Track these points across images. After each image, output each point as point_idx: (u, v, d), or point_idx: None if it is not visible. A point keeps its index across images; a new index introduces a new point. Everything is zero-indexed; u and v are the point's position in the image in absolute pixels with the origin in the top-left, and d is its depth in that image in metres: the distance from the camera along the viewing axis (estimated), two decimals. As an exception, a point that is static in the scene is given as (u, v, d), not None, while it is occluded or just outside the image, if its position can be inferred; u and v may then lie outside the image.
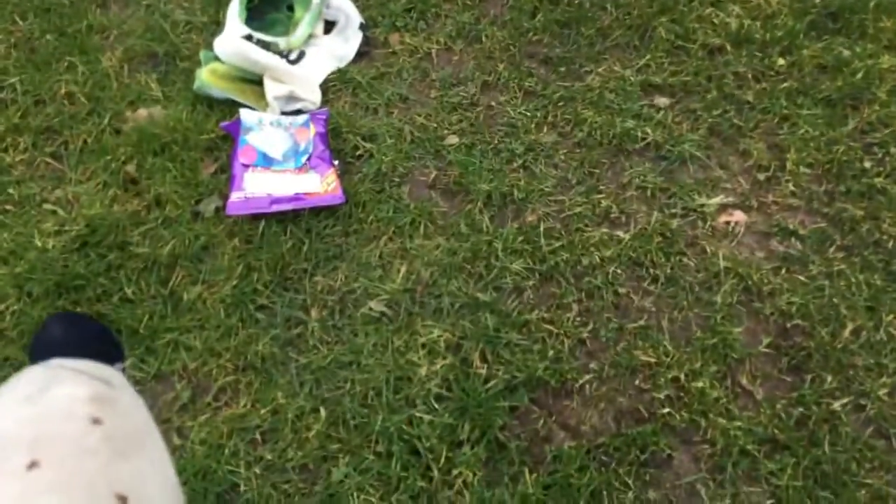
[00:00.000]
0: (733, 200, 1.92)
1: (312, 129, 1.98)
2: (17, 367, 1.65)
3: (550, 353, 1.70)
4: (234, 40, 2.08)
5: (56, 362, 0.90)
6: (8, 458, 0.72)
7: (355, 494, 1.53)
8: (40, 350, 0.96)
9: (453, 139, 2.05)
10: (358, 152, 2.02)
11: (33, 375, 0.86)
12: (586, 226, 1.89)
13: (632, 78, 2.14)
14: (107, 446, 0.76)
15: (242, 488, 1.54)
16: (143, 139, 2.00)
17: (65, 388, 0.83)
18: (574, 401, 1.66)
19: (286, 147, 1.96)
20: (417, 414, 1.62)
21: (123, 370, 1.00)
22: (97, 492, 0.72)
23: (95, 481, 0.73)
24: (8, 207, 1.92)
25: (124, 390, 0.89)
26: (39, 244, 1.83)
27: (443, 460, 1.57)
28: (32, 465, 0.70)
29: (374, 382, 1.67)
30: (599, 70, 2.17)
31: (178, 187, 1.93)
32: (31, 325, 1.72)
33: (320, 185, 1.91)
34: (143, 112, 2.07)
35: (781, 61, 2.18)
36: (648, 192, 1.93)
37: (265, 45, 2.09)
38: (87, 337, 1.07)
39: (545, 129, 2.06)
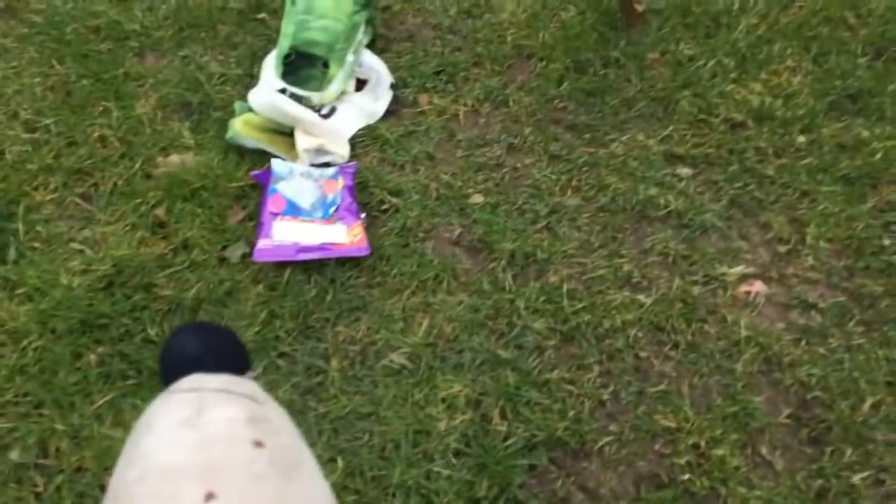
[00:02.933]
0: (754, 271, 1.94)
1: (341, 182, 2.02)
2: (37, 404, 1.66)
3: (570, 413, 1.70)
4: (268, 93, 2.13)
5: (196, 378, 0.87)
6: (183, 490, 0.69)
7: (371, 547, 1.51)
8: (174, 366, 0.93)
9: (478, 198, 2.08)
10: (384, 206, 2.05)
11: (181, 397, 0.83)
12: (608, 289, 1.90)
13: (655, 147, 2.19)
14: (274, 471, 0.74)
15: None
16: (173, 184, 2.03)
17: (220, 410, 0.80)
18: (593, 463, 1.65)
19: (315, 198, 1.99)
20: (435, 468, 1.61)
21: (255, 378, 0.98)
22: None
23: None
24: (36, 245, 1.93)
25: (269, 404, 0.87)
26: (65, 282, 1.84)
27: (460, 517, 1.55)
28: (209, 497, 0.68)
29: (393, 435, 1.66)
30: (623, 138, 2.22)
31: (206, 232, 1.95)
32: (52, 361, 1.72)
33: (346, 236, 1.93)
34: (174, 158, 2.11)
35: (802, 139, 2.22)
36: (670, 259, 1.96)
37: (298, 99, 2.14)
38: (221, 347, 1.04)
39: (569, 193, 2.10)
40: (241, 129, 2.10)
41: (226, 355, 1.02)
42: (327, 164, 2.10)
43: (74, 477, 1.57)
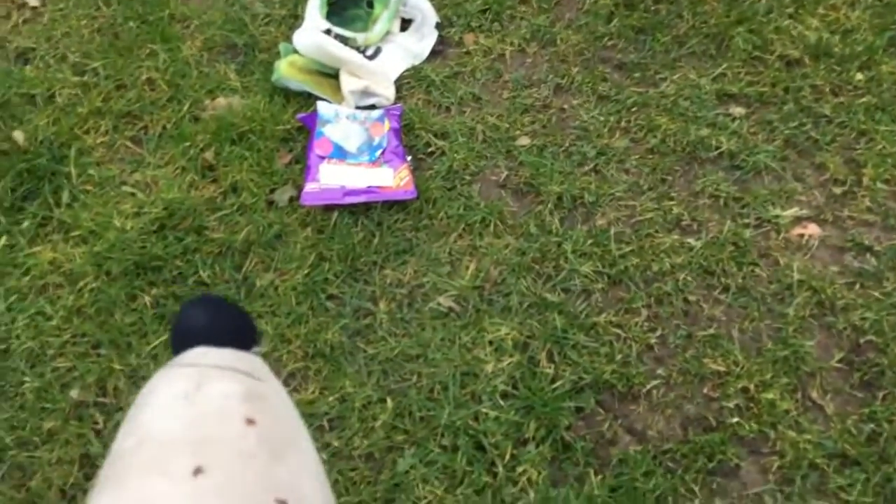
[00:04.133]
0: (808, 213, 1.90)
1: (387, 125, 2.01)
2: (95, 344, 1.71)
3: (618, 356, 1.70)
4: (313, 34, 2.11)
5: (201, 352, 0.90)
6: (174, 461, 0.72)
7: (420, 485, 1.54)
8: (183, 337, 0.96)
9: (525, 140, 2.05)
10: (430, 149, 2.04)
11: (182, 371, 0.86)
12: (657, 232, 1.88)
13: (707, 86, 2.13)
14: (263, 449, 0.76)
15: (309, 473, 1.56)
16: (221, 127, 2.04)
17: (218, 385, 0.82)
18: (640, 405, 1.65)
19: (361, 141, 1.99)
20: (483, 410, 1.63)
21: (260, 354, 1.01)
22: (259, 498, 0.71)
23: (256, 487, 0.72)
24: (88, 188, 1.96)
25: (270, 381, 0.89)
26: (118, 225, 1.87)
27: (508, 457, 1.57)
28: (198, 470, 0.70)
29: (441, 376, 1.68)
30: (674, 77, 2.16)
31: (254, 175, 1.96)
32: (108, 303, 1.76)
33: (393, 179, 1.93)
34: (221, 101, 2.11)
35: (860, 76, 2.15)
36: (721, 201, 1.92)
37: (343, 40, 2.12)
38: (228, 322, 1.07)
39: (618, 134, 2.06)
40: (286, 71, 2.09)
41: (233, 329, 1.05)
42: (373, 107, 2.09)
43: (133, 415, 1.62)
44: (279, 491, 0.73)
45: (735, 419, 1.61)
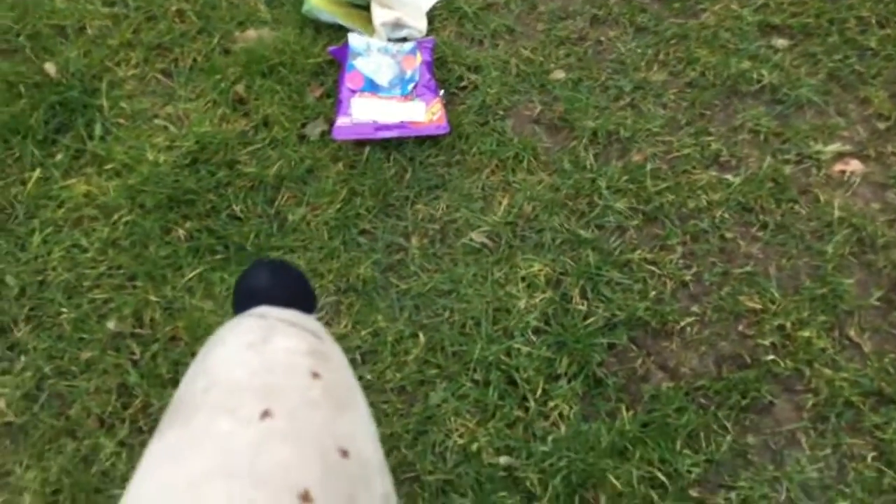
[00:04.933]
0: (850, 149, 1.86)
1: (419, 58, 1.97)
2: (130, 277, 1.72)
3: (652, 293, 1.68)
4: (344, -36, 2.06)
5: (264, 310, 0.92)
6: (242, 404, 0.73)
7: (452, 418, 1.55)
8: (246, 296, 0.98)
9: (560, 74, 2.01)
10: (462, 83, 2.01)
11: (251, 323, 0.87)
12: (694, 168, 1.85)
13: (749, 17, 2.07)
14: (328, 401, 0.78)
15: (343, 405, 1.58)
16: (251, 60, 2.01)
17: (284, 340, 0.84)
18: (674, 342, 1.64)
19: (393, 74, 1.96)
20: (515, 345, 1.63)
21: (319, 319, 1.03)
22: (324, 444, 0.73)
23: (321, 434, 0.74)
24: (121, 121, 1.96)
25: (330, 343, 0.91)
26: (151, 158, 1.87)
27: (539, 392, 1.58)
28: (265, 414, 0.72)
29: (473, 312, 1.67)
30: (715, 8, 2.10)
31: (286, 109, 1.94)
32: (143, 235, 1.77)
33: (425, 114, 1.90)
34: (252, 33, 2.08)
35: (909, 7, 2.07)
36: (761, 137, 1.88)
37: (374, -30, 2.08)
38: (291, 285, 1.08)
39: (655, 68, 2.01)
40: (316, 2, 2.05)
41: (295, 293, 1.07)
42: (404, 39, 2.05)
43: (169, 346, 1.64)
44: (341, 441, 0.74)
45: (770, 357, 1.60)
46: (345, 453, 0.73)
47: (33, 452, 1.53)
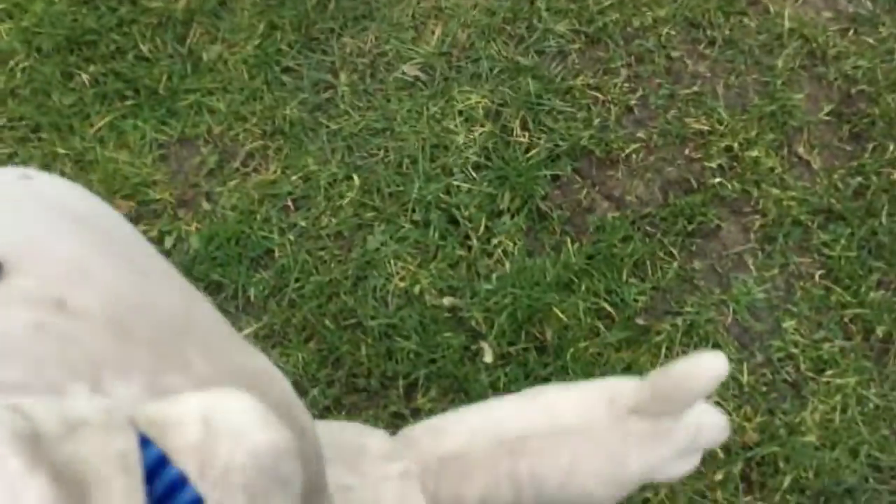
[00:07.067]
0: (802, -45, 1.75)
1: None
2: (34, 128, 1.58)
3: (596, 121, 1.60)
4: None
5: None
6: None
7: (392, 262, 1.49)
8: None
9: None
10: None
11: None
12: (638, -17, 1.73)
13: None
14: None
15: (277, 254, 1.50)
16: None
17: None
18: (619, 171, 1.58)
19: None
20: (455, 183, 1.55)
21: None
22: None
23: None
24: (6, -42, 1.75)
25: None
26: (44, -2, 1.69)
27: (482, 229, 1.51)
28: None
29: (409, 150, 1.58)
30: None
31: (190, -64, 1.75)
32: (43, 82, 1.62)
33: (346, -66, 1.73)
34: None
35: None
36: (709, -55, 1.75)
37: None
38: None
39: None
40: None
41: None
42: None
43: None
44: None
45: (717, 179, 1.55)
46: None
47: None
